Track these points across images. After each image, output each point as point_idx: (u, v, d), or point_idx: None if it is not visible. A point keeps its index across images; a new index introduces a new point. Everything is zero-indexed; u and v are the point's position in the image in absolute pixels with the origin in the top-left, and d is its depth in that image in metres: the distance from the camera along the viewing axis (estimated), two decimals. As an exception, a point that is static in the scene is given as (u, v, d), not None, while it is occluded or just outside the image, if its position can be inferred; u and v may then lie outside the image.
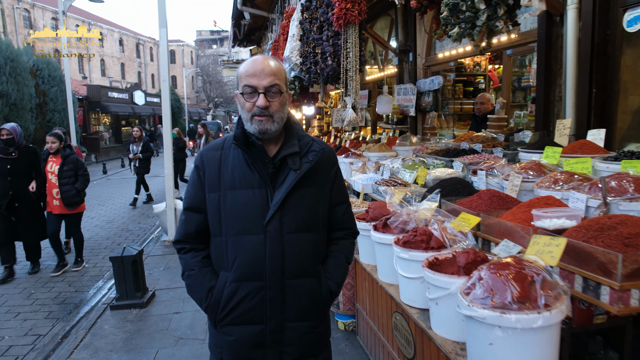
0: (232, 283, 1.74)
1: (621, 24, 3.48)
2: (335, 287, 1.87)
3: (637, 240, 1.87)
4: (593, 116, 3.70)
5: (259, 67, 1.72)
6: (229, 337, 1.78)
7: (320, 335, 1.88)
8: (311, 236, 1.80)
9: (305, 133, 1.91)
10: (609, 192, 2.42)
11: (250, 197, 1.74)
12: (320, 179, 1.84)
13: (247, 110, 1.73)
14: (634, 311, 1.82)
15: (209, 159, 1.83)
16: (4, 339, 4.30)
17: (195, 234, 1.84)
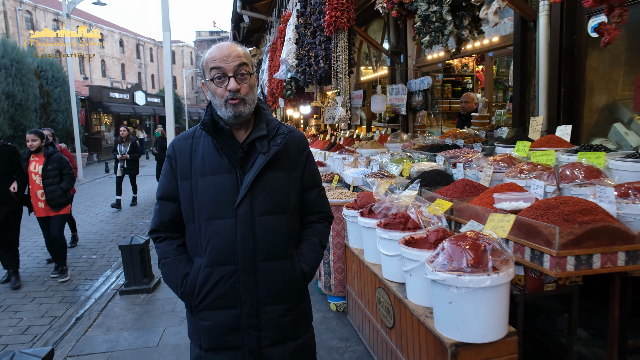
0: (206, 268, 1.75)
1: (586, 29, 3.83)
2: (309, 270, 1.87)
3: (575, 216, 2.22)
4: (562, 113, 4.05)
5: (225, 51, 1.73)
6: (205, 322, 1.79)
7: (299, 318, 1.88)
8: (282, 219, 1.81)
9: (273, 117, 1.92)
10: (563, 179, 2.77)
11: (220, 182, 1.76)
12: (290, 162, 1.86)
13: (220, 96, 1.75)
14: (569, 275, 2.17)
15: (180, 147, 1.85)
16: (22, 320, 4.65)
17: (169, 222, 1.86)
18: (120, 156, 10.49)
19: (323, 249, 1.97)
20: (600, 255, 2.17)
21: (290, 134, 1.87)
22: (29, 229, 8.39)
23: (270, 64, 9.73)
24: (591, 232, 2.15)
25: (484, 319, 2.12)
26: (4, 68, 15.09)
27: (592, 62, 3.93)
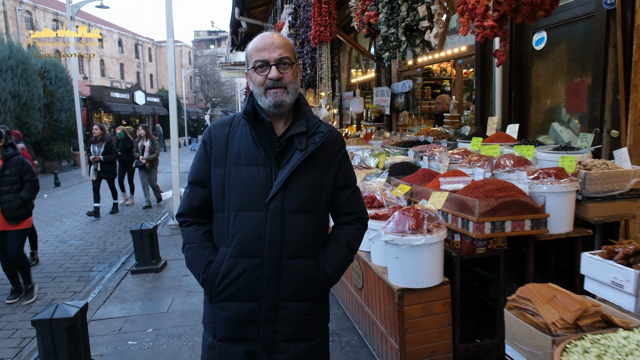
0: (230, 258, 1.74)
1: (532, 43, 4.52)
2: (332, 272, 1.83)
3: (494, 193, 2.90)
4: (513, 114, 4.74)
5: (268, 41, 1.74)
6: (223, 312, 1.78)
7: (317, 318, 1.85)
8: (312, 217, 1.78)
9: (314, 114, 1.89)
10: (497, 167, 3.46)
11: (254, 174, 1.73)
12: (326, 161, 1.82)
13: (260, 84, 1.73)
14: (487, 236, 2.85)
15: (217, 134, 1.83)
16: (47, 294, 5.31)
17: (198, 208, 1.84)
18: (93, 158, 9.42)
19: (352, 252, 1.90)
20: (510, 222, 2.85)
21: (329, 134, 1.82)
22: (41, 219, 9.04)
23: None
24: (504, 205, 2.84)
25: (422, 270, 2.81)
26: (10, 69, 15.68)
27: (537, 70, 4.62)
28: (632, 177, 3.08)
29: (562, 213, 2.98)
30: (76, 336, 3.19)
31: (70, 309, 3.19)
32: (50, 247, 7.35)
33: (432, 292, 2.90)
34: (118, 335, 4.07)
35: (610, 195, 3.08)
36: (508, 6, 2.27)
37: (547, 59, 4.48)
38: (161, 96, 37.43)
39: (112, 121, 29.32)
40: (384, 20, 3.82)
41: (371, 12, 4.10)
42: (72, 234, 8.21)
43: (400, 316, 2.87)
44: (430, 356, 2.97)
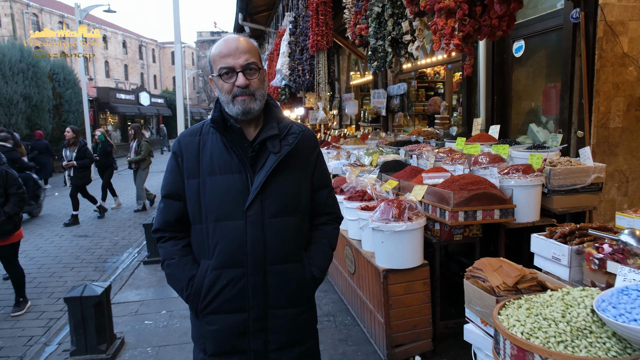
0: (214, 271, 1.70)
1: (512, 50, 4.92)
2: (319, 273, 1.84)
3: (467, 186, 3.31)
4: (495, 116, 5.15)
5: (232, 46, 1.68)
6: (211, 326, 1.74)
7: (306, 322, 1.85)
8: (293, 220, 1.76)
9: (284, 116, 1.88)
10: (474, 163, 3.87)
11: (230, 182, 1.70)
12: (301, 162, 1.81)
13: (227, 92, 1.69)
14: (461, 223, 3.26)
15: (187, 144, 1.78)
16: (67, 282, 5.75)
17: (174, 222, 1.79)
18: (66, 163, 8.79)
19: (332, 251, 1.94)
20: (481, 212, 3.27)
21: (302, 134, 1.82)
22: (56, 221, 9.50)
23: (267, 71, 10.89)
24: (475, 196, 3.25)
25: (403, 252, 3.23)
26: (22, 72, 16.20)
27: (517, 75, 5.02)
28: (592, 172, 3.48)
29: (528, 204, 3.39)
30: (102, 312, 3.64)
31: (97, 288, 3.63)
32: (66, 240, 7.81)
33: (413, 272, 3.32)
34: (135, 316, 4.51)
35: (572, 188, 3.49)
36: (471, 27, 2.69)
37: (526, 65, 4.89)
38: (165, 97, 37.95)
39: (118, 122, 29.85)
40: (373, 33, 4.26)
41: (362, 25, 4.53)
42: (85, 229, 8.67)
43: (385, 294, 3.29)
44: (412, 329, 3.39)
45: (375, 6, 4.21)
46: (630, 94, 3.80)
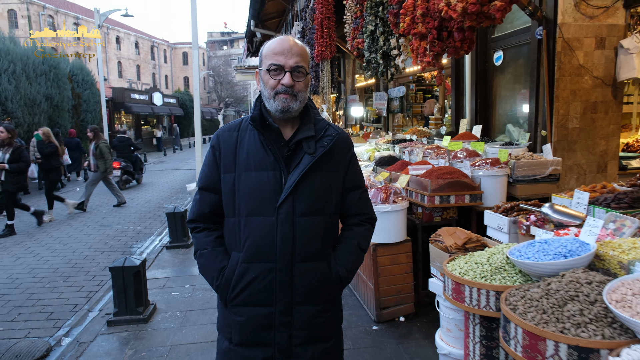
0: (243, 263, 1.75)
1: (492, 60, 5.59)
2: (345, 273, 1.85)
3: (443, 175, 3.99)
4: (479, 117, 5.81)
5: (286, 46, 1.73)
6: (238, 317, 1.79)
7: (331, 320, 1.88)
8: (322, 220, 1.79)
9: (321, 117, 1.91)
10: (454, 157, 4.55)
11: (264, 179, 1.74)
12: (334, 163, 1.83)
13: (271, 88, 1.74)
14: (437, 206, 3.94)
15: (226, 139, 1.84)
16: (100, 263, 6.51)
17: (209, 214, 1.85)
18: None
19: (363, 252, 1.94)
20: (454, 196, 3.95)
21: (338, 136, 1.84)
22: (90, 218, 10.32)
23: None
24: (449, 184, 3.93)
25: (389, 229, 3.92)
26: (44, 73, 17.06)
27: (497, 82, 5.69)
28: (550, 165, 4.15)
29: (495, 191, 4.06)
30: (139, 280, 4.37)
31: (135, 260, 4.36)
32: (94, 230, 8.59)
33: (397, 246, 4.01)
34: (163, 289, 5.24)
35: (533, 178, 4.16)
36: (439, 48, 3.37)
37: (505, 73, 5.55)
38: (177, 97, 38.84)
39: (132, 121, 30.78)
40: (367, 47, 4.97)
41: (359, 40, 5.24)
42: (109, 220, 9.45)
43: (374, 264, 3.98)
44: (397, 294, 4.08)
45: (369, 24, 4.93)
46: (586, 99, 4.46)
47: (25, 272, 6.12)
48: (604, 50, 4.42)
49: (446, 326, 2.90)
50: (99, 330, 4.22)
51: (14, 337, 4.25)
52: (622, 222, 2.41)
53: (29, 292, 5.40)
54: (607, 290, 1.71)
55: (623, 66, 4.36)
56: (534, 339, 1.72)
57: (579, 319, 1.69)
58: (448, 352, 2.85)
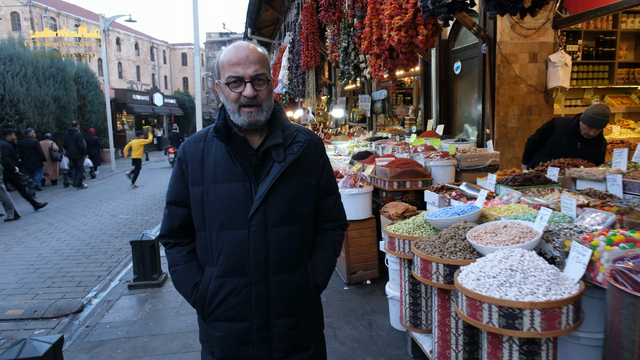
0: (217, 279, 1.71)
1: (453, 68, 6.55)
2: (322, 280, 1.84)
3: (401, 165, 4.94)
4: (442, 118, 6.77)
5: (242, 54, 1.64)
6: (217, 332, 1.76)
7: (310, 328, 1.86)
8: (296, 229, 1.75)
9: (290, 123, 1.86)
10: (414, 152, 5.51)
11: (233, 191, 1.68)
12: (306, 169, 1.78)
13: (233, 101, 1.66)
14: (395, 190, 4.89)
15: (192, 151, 1.77)
16: (115, 245, 7.45)
17: (179, 228, 1.80)
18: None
19: (337, 257, 1.93)
20: (409, 182, 4.90)
21: (308, 142, 1.79)
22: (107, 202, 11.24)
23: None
24: (405, 172, 4.88)
25: (357, 209, 4.87)
26: (52, 76, 17.99)
27: (457, 87, 6.65)
28: (489, 157, 5.09)
29: (443, 178, 5.01)
30: (154, 252, 5.32)
31: (151, 235, 5.31)
32: (106, 219, 9.54)
33: (364, 222, 4.96)
34: (172, 264, 6.18)
35: (476, 168, 5.10)
36: (391, 65, 4.31)
37: (463, 80, 6.51)
38: (177, 98, 39.77)
39: (133, 121, 31.72)
40: (342, 60, 5.93)
41: (336, 53, 6.20)
42: (118, 211, 10.40)
43: (345, 237, 4.93)
44: (364, 262, 5.04)
45: (343, 42, 5.90)
46: (522, 103, 5.41)
47: (52, 252, 7.06)
48: (536, 63, 5.37)
49: (392, 276, 3.85)
50: (122, 292, 5.16)
51: (53, 298, 5.19)
52: (511, 195, 3.37)
53: (58, 267, 6.34)
54: (471, 231, 2.67)
55: (551, 76, 5.31)
56: (425, 263, 2.68)
57: (452, 249, 2.65)
58: (392, 296, 3.79)
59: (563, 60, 5.21)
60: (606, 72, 6.86)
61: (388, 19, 3.95)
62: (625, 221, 2.45)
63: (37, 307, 4.87)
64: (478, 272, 2.21)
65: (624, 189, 3.06)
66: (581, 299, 2.07)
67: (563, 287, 2.05)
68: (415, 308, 3.31)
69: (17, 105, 15.50)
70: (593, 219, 2.53)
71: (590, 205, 2.82)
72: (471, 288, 2.13)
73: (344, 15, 5.72)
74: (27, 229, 8.69)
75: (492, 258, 2.24)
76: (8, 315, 4.68)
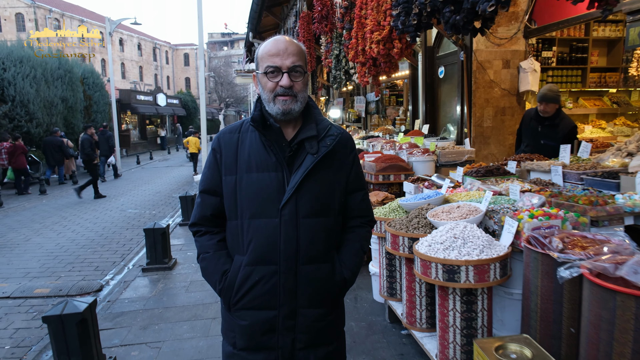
0: (246, 266, 1.73)
1: (437, 72, 7.14)
2: (350, 276, 1.84)
3: (387, 161, 5.52)
4: (428, 118, 7.36)
5: (281, 46, 1.69)
6: (242, 321, 1.78)
7: (333, 323, 1.87)
8: (326, 221, 1.77)
9: (324, 117, 1.87)
10: (400, 148, 6.10)
11: (266, 180, 1.71)
12: (337, 163, 1.80)
13: (270, 90, 1.71)
14: (381, 182, 5.48)
15: (227, 141, 1.81)
16: (126, 236, 8.05)
17: (211, 217, 1.83)
18: None
19: (364, 254, 1.94)
20: (393, 175, 5.49)
21: (341, 136, 1.81)
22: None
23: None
24: (390, 166, 5.47)
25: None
26: (60, 78, 18.63)
27: (441, 90, 7.24)
28: (466, 153, 5.68)
29: (424, 172, 5.58)
30: (165, 239, 5.92)
31: (162, 224, 5.91)
32: (116, 213, 10.15)
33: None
34: (180, 251, 6.78)
35: (454, 163, 5.69)
36: (375, 72, 4.90)
37: (446, 83, 7.10)
38: (180, 98, 40.43)
39: (137, 121, 32.35)
40: (334, 66, 6.52)
41: (329, 60, 6.79)
42: (127, 206, 11.01)
43: (336, 224, 5.52)
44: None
45: (335, 50, 6.50)
46: (497, 105, 6.00)
47: (68, 242, 7.67)
48: (509, 69, 5.96)
49: (374, 256, 4.44)
50: (136, 274, 5.77)
51: (74, 280, 5.79)
52: (473, 184, 3.96)
53: (76, 255, 6.95)
54: (431, 211, 3.26)
55: (522, 81, 5.90)
56: (394, 237, 3.28)
57: (416, 225, 3.25)
58: (374, 272, 4.38)
59: (532, 67, 5.80)
60: (579, 76, 7.45)
61: (370, 33, 4.55)
62: (553, 202, 3.04)
63: (62, 286, 5.47)
64: (430, 240, 2.81)
65: (564, 178, 3.65)
66: (508, 259, 2.67)
67: (494, 250, 2.65)
68: (391, 280, 3.91)
69: (28, 105, 16.13)
70: (528, 201, 3.12)
71: (533, 191, 3.41)
72: (423, 252, 2.73)
73: (335, 27, 6.34)
74: (42, 222, 9.31)
75: (442, 229, 2.84)
76: (37, 293, 5.29)
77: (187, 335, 3.99)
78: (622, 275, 1.87)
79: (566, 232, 2.48)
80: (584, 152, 4.07)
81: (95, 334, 3.33)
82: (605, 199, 2.90)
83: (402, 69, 8.71)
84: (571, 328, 2.24)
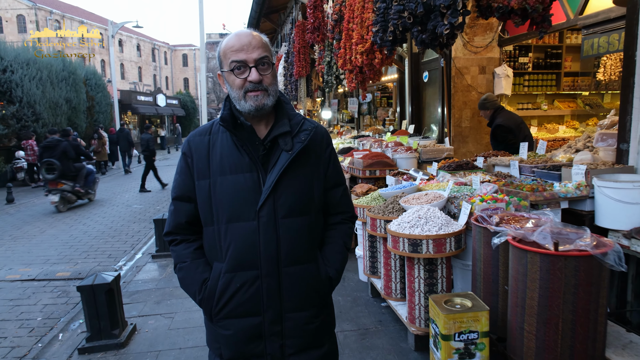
0: (226, 274, 1.66)
1: (422, 76, 7.74)
2: (335, 274, 1.79)
3: (373, 157, 6.12)
4: (414, 119, 7.97)
5: (245, 40, 1.61)
6: (226, 331, 1.72)
7: (322, 325, 1.81)
8: (306, 220, 1.71)
9: (296, 112, 1.82)
10: (385, 147, 6.71)
11: (241, 182, 1.65)
12: (313, 159, 1.75)
13: (239, 88, 1.63)
14: (367, 177, 6.08)
15: (197, 144, 1.74)
16: (135, 229, 8.64)
17: (186, 224, 1.75)
18: None
19: (348, 251, 1.90)
20: (379, 170, 6.09)
21: (315, 130, 1.76)
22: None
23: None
24: (376, 162, 6.07)
25: (336, 192, 6.07)
26: (64, 79, 19.19)
27: (426, 93, 7.84)
28: (445, 151, 6.29)
29: (407, 167, 6.19)
30: (173, 229, 6.51)
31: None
32: (123, 208, 10.74)
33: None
34: (186, 241, 7.36)
35: (434, 159, 6.29)
36: (361, 78, 5.51)
37: (430, 87, 7.70)
38: (179, 98, 41.00)
39: (137, 121, 32.91)
40: (326, 72, 7.13)
41: (322, 66, 7.41)
42: (132, 202, 11.60)
43: (328, 215, 6.12)
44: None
45: (327, 57, 7.11)
46: (474, 107, 6.60)
47: (81, 234, 8.26)
48: (485, 75, 6.57)
49: (359, 240, 5.04)
50: (146, 261, 6.36)
51: (90, 265, 6.39)
52: (444, 176, 4.57)
53: (89, 244, 7.54)
54: (403, 198, 3.87)
55: (496, 86, 6.51)
56: (373, 220, 3.89)
57: (391, 210, 3.85)
58: (359, 255, 4.98)
59: (505, 73, 6.41)
60: (554, 80, 8.07)
61: (355, 45, 5.15)
62: (505, 190, 3.65)
63: (80, 270, 6.07)
64: (400, 220, 3.41)
65: (520, 171, 4.26)
66: (462, 235, 3.28)
67: (451, 228, 3.26)
68: (373, 260, 4.51)
69: (34, 106, 16.69)
70: (485, 189, 3.73)
71: (491, 181, 4.02)
72: (394, 230, 3.33)
73: (326, 37, 6.96)
74: (54, 216, 9.90)
75: (410, 212, 3.45)
76: (59, 276, 5.88)
77: (196, 308, 4.58)
78: (534, 239, 2.48)
79: (507, 212, 3.09)
80: (540, 149, 4.68)
81: (119, 303, 3.94)
82: (545, 187, 3.51)
83: (392, 73, 9.34)
84: (505, 286, 2.85)
